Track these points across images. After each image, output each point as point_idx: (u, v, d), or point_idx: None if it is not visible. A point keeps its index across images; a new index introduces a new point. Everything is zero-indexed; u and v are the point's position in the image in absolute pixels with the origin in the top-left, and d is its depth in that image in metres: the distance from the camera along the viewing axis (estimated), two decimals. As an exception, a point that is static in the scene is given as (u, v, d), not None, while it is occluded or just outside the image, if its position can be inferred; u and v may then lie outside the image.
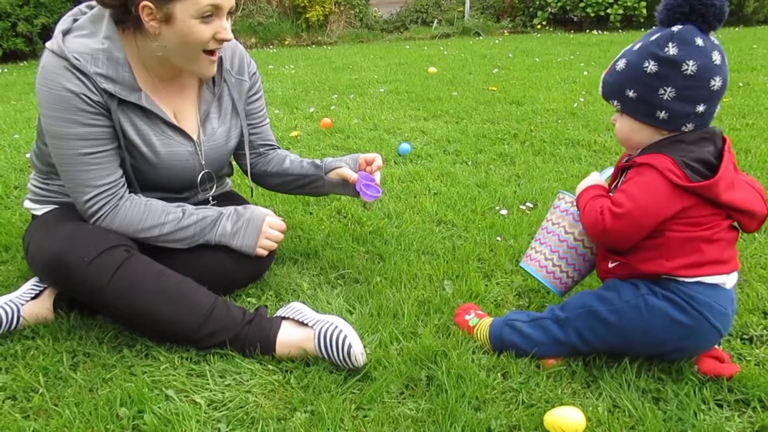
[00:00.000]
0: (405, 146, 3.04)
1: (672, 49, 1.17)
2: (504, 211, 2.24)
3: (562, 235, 1.41)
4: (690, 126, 1.21)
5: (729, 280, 1.24)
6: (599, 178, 1.37)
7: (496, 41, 8.77)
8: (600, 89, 1.31)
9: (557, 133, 3.33)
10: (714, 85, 1.18)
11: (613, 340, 1.29)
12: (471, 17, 10.99)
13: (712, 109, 1.22)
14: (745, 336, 1.45)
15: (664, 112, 1.20)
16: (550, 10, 10.36)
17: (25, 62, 7.57)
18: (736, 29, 9.31)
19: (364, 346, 1.35)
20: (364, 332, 1.47)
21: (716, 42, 1.20)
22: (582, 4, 9.92)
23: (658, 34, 1.20)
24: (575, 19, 10.30)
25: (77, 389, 1.31)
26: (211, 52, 1.49)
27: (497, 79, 5.17)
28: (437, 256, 1.89)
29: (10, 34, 7.48)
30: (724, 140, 1.24)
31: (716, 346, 1.33)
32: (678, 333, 1.24)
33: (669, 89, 1.18)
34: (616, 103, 1.27)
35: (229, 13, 1.47)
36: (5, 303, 1.51)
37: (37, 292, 1.58)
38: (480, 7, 11.55)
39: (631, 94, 1.23)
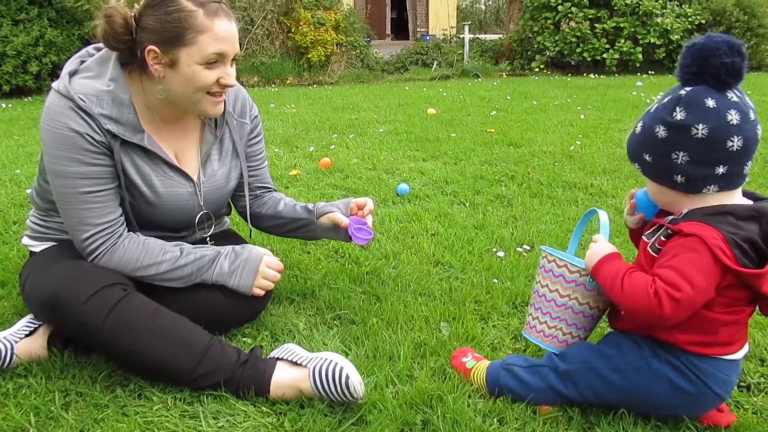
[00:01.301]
0: (403, 186, 3.07)
1: (680, 114, 1.14)
2: (501, 253, 2.25)
3: (576, 307, 1.33)
4: (713, 188, 1.16)
5: (739, 356, 1.23)
6: (608, 243, 1.29)
7: (495, 83, 8.92)
8: (627, 153, 1.29)
9: (554, 175, 3.36)
10: (732, 146, 1.12)
11: (612, 397, 1.28)
12: (470, 59, 11.21)
13: (739, 170, 1.15)
14: (742, 384, 1.44)
15: (680, 176, 1.17)
16: (548, 54, 10.57)
17: (30, 98, 7.67)
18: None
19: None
20: (359, 374, 1.46)
21: (736, 99, 1.13)
22: (579, 49, 10.14)
23: (668, 97, 1.18)
24: (572, 63, 10.51)
25: (68, 430, 1.29)
26: (216, 94, 1.52)
27: (495, 121, 5.24)
28: (434, 298, 1.89)
29: (20, 71, 7.63)
30: None
31: None
32: (679, 398, 1.22)
33: (682, 153, 1.15)
34: (637, 166, 1.25)
35: (233, 59, 1.50)
36: (-1, 340, 1.50)
37: (32, 329, 1.57)
38: (479, 50, 11.79)
39: (647, 158, 1.21)
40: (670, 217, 1.22)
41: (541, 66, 10.64)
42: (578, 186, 3.15)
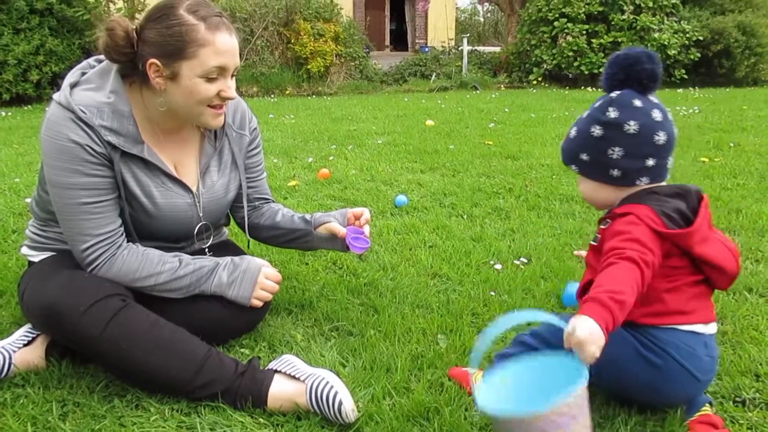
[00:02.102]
0: (401, 198, 3.08)
1: (612, 113, 1.28)
2: (498, 266, 2.26)
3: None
4: (645, 180, 1.29)
5: (698, 329, 1.27)
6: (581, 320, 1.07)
7: (493, 95, 8.96)
8: (560, 157, 1.40)
9: (552, 188, 3.38)
10: (659, 140, 1.26)
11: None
12: (468, 71, 11.27)
13: (664, 162, 1.29)
14: (737, 399, 1.44)
15: (616, 170, 1.29)
16: (545, 66, 10.64)
17: (29, 106, 7.69)
18: (727, 90, 9.55)
19: (356, 402, 1.35)
20: (356, 386, 1.47)
21: (656, 101, 1.30)
22: (576, 63, 10.21)
23: (600, 102, 1.32)
24: (570, 76, 10.58)
25: (65, 440, 1.29)
26: (217, 106, 1.53)
27: (493, 134, 5.27)
28: (431, 310, 1.90)
29: (20, 79, 7.66)
30: (701, 198, 1.29)
31: (709, 410, 1.32)
32: (650, 373, 1.26)
33: (617, 149, 1.28)
34: (574, 167, 1.36)
35: (234, 72, 1.52)
36: (-3, 350, 1.51)
37: (30, 339, 1.57)
38: (477, 62, 11.86)
39: (584, 157, 1.33)
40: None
41: (539, 79, 10.71)
42: (575, 199, 3.17)
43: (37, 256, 1.67)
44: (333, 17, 10.63)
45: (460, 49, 11.95)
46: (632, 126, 1.26)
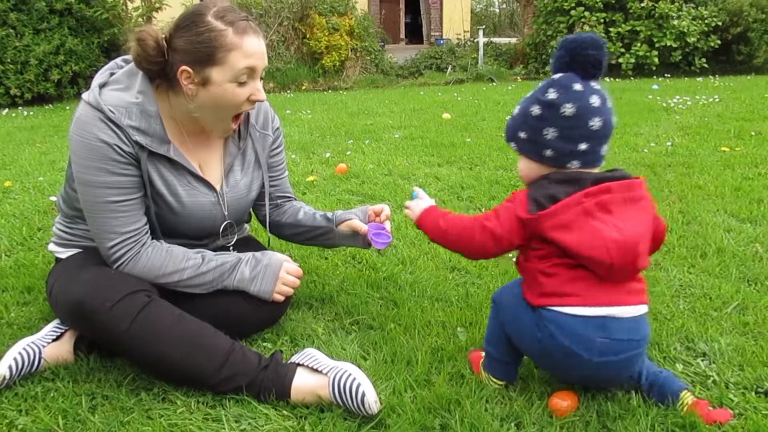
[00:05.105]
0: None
1: (552, 94, 1.31)
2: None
3: None
4: (576, 164, 1.31)
5: (587, 312, 1.27)
6: (427, 200, 1.55)
7: (510, 87, 8.91)
8: (503, 135, 1.45)
9: (570, 180, 3.35)
10: (593, 125, 1.28)
11: (502, 318, 1.42)
12: (484, 64, 11.21)
13: (597, 148, 1.31)
14: (759, 389, 1.44)
15: (549, 150, 1.32)
16: (562, 57, 10.52)
17: (51, 105, 7.80)
18: (748, 77, 9.40)
19: (378, 394, 1.37)
20: (378, 379, 1.49)
21: (597, 88, 1.32)
22: (594, 52, 10.07)
23: (543, 82, 1.35)
24: (587, 66, 10.45)
25: (95, 432, 1.33)
26: (237, 115, 1.56)
27: (510, 126, 5.24)
28: (451, 303, 1.91)
29: (41, 79, 7.79)
30: (598, 182, 1.28)
31: (689, 396, 1.34)
32: (536, 344, 1.32)
33: (552, 129, 1.31)
34: (513, 144, 1.40)
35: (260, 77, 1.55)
36: (27, 345, 1.54)
37: (59, 334, 1.61)
38: (493, 54, 11.79)
39: (522, 135, 1.36)
40: None
41: (556, 70, 10.60)
42: (594, 191, 3.15)
43: (64, 253, 1.71)
44: (347, 11, 10.64)
45: (475, 41, 11.89)
46: (569, 108, 1.28)
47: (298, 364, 1.45)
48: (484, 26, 13.38)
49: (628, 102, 6.58)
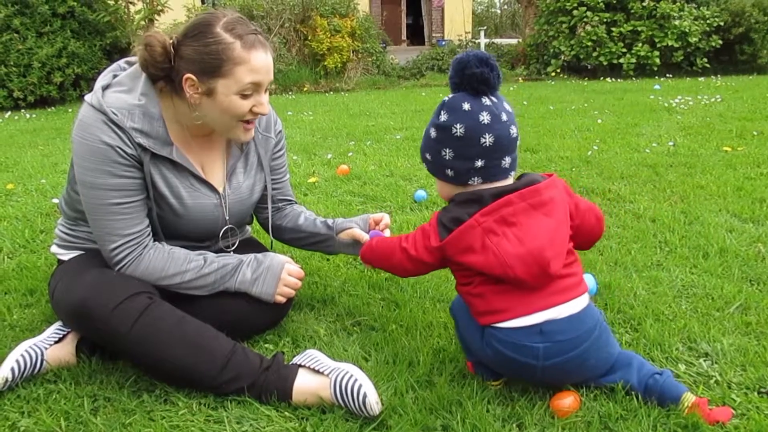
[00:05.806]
0: (421, 193, 3.09)
1: (443, 116, 1.34)
2: (519, 259, 2.25)
3: None
4: (477, 179, 1.34)
5: (523, 322, 1.30)
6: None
7: (511, 88, 8.91)
8: None
9: (571, 181, 3.36)
10: (485, 142, 1.30)
11: (459, 332, 1.48)
12: (486, 65, 11.16)
13: (495, 163, 1.33)
14: (762, 389, 1.44)
15: (449, 170, 1.36)
16: (563, 58, 10.53)
17: (53, 108, 7.82)
18: (750, 77, 9.38)
19: (380, 395, 1.37)
20: (379, 380, 1.49)
21: (488, 104, 1.31)
22: (595, 53, 10.08)
23: (438, 105, 1.38)
24: (589, 67, 10.45)
25: (97, 434, 1.33)
26: (248, 121, 1.56)
27: (512, 127, 5.23)
28: (452, 304, 1.91)
29: (44, 82, 7.81)
30: (501, 196, 1.30)
31: (690, 396, 1.33)
32: (489, 356, 1.36)
33: (448, 150, 1.34)
34: (424, 164, 1.45)
35: (266, 89, 1.55)
36: (29, 347, 1.55)
37: (61, 336, 1.61)
38: (495, 55, 11.77)
39: (428, 156, 1.41)
40: None
41: (558, 70, 10.60)
42: (596, 191, 3.15)
43: (66, 255, 1.71)
44: (349, 12, 10.64)
45: (477, 41, 11.90)
46: (458, 129, 1.31)
47: (300, 366, 1.46)
48: (485, 27, 13.38)
49: (630, 102, 6.58)
